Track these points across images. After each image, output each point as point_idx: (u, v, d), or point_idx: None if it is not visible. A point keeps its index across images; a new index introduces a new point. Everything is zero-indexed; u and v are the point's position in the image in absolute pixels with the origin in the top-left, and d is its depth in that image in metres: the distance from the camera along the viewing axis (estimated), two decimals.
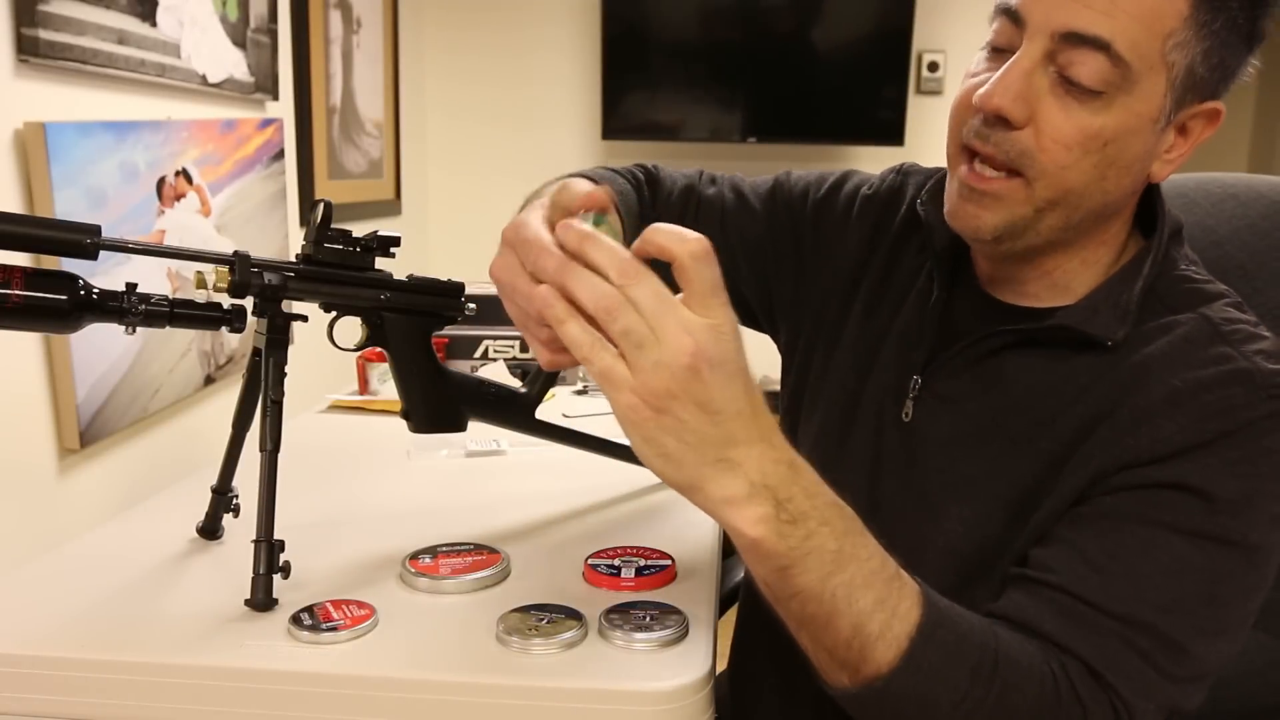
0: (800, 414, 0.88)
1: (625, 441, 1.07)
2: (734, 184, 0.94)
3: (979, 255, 0.79)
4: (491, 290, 0.74)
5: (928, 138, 2.69)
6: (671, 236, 0.55)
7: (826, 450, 0.82)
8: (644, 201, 0.92)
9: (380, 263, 0.85)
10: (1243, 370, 0.66)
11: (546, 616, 0.75)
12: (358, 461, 1.16)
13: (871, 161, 2.64)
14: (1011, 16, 0.67)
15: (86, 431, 1.10)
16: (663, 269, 0.56)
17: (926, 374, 0.77)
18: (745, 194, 0.93)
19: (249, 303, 0.80)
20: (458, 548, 0.87)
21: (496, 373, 1.47)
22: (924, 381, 0.77)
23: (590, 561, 0.85)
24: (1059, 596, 0.64)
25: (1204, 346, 0.68)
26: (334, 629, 0.73)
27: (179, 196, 1.28)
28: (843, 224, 0.88)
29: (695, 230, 0.62)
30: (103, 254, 0.71)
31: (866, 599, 0.59)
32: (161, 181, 1.23)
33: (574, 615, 0.75)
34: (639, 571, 0.83)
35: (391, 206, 2.32)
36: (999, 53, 0.69)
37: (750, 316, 0.95)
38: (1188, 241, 0.77)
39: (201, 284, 0.76)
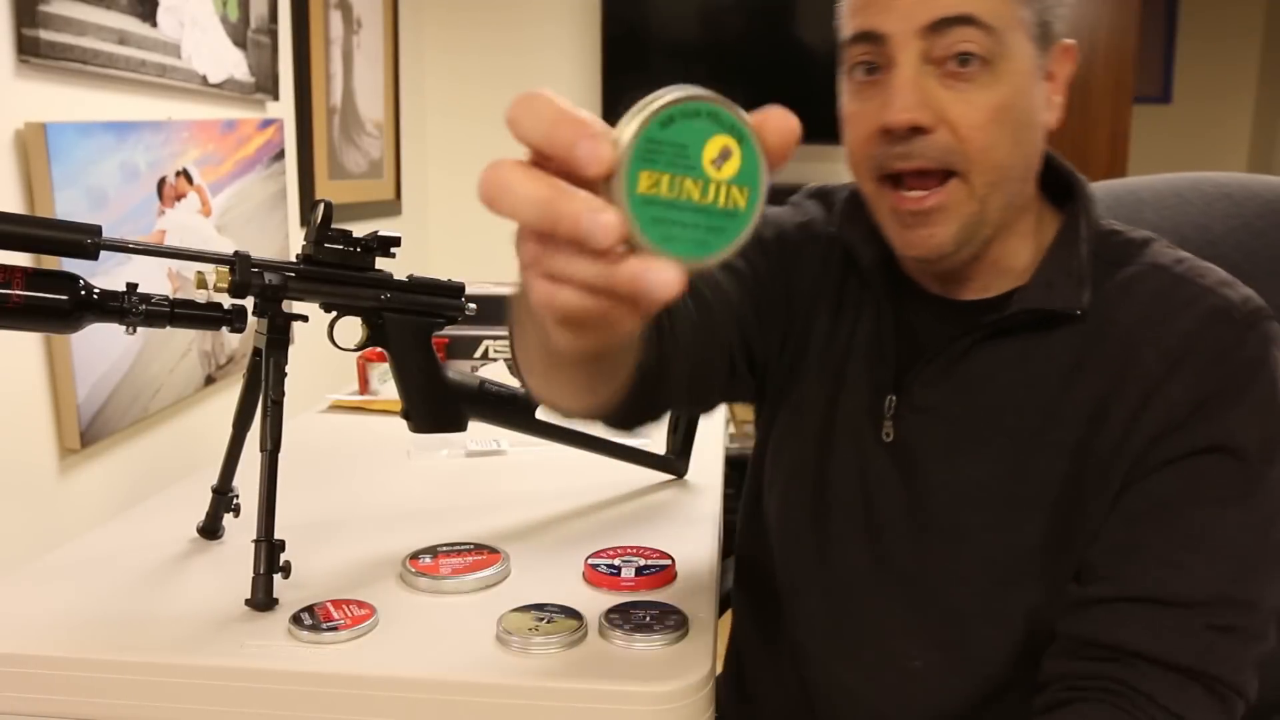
0: (769, 455, 0.85)
1: (626, 441, 1.08)
2: None
3: (913, 266, 0.77)
4: (492, 290, 0.74)
5: None
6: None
7: (804, 480, 0.80)
8: None
9: (380, 263, 0.85)
10: (1218, 308, 0.68)
11: (546, 616, 0.75)
12: (358, 461, 1.16)
13: None
14: (869, 39, 0.68)
15: (87, 431, 1.10)
16: None
17: (901, 390, 0.76)
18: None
19: (249, 303, 0.80)
20: (458, 547, 0.87)
21: (496, 373, 1.47)
22: (900, 398, 0.76)
23: (590, 561, 0.85)
24: (1144, 609, 0.66)
25: (1171, 296, 0.70)
26: (334, 628, 0.73)
27: (179, 197, 1.28)
28: (780, 263, 0.83)
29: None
30: (103, 254, 0.72)
31: None
32: (162, 182, 1.23)
33: (574, 615, 0.75)
34: (639, 571, 0.83)
35: (392, 206, 2.32)
36: (870, 78, 0.70)
37: (748, 388, 0.86)
38: (1183, 241, 0.78)
39: (202, 284, 0.77)
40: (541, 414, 0.95)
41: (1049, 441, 0.70)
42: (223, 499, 0.91)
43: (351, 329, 0.87)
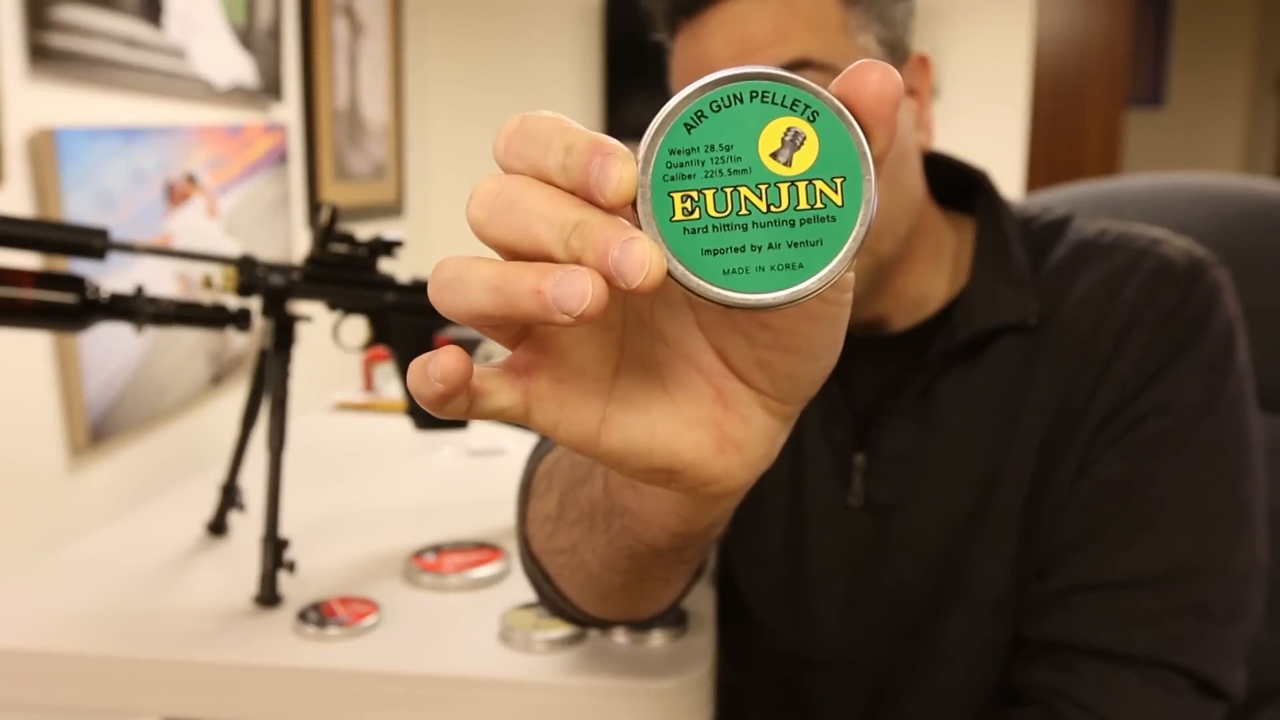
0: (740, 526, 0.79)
1: None
2: None
3: None
4: None
5: None
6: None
7: (778, 561, 0.75)
8: None
9: (384, 264, 0.86)
10: (1158, 268, 0.65)
11: (547, 614, 0.76)
12: (362, 460, 1.17)
13: None
14: None
15: (96, 430, 1.12)
16: None
17: (867, 446, 0.70)
18: None
19: (255, 304, 0.81)
20: (461, 545, 0.88)
21: None
22: (869, 453, 0.70)
23: None
24: (1097, 596, 0.62)
25: (1107, 269, 0.67)
26: (339, 625, 0.74)
27: (186, 199, 1.29)
28: None
29: None
30: (111, 256, 0.73)
31: None
32: (169, 185, 1.25)
33: None
34: None
35: (395, 209, 2.33)
36: None
37: None
38: None
39: (208, 285, 0.78)
40: None
41: (1016, 448, 0.67)
42: (230, 497, 0.92)
43: (356, 329, 0.88)
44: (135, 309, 0.75)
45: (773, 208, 0.27)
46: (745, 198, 0.27)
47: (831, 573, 0.73)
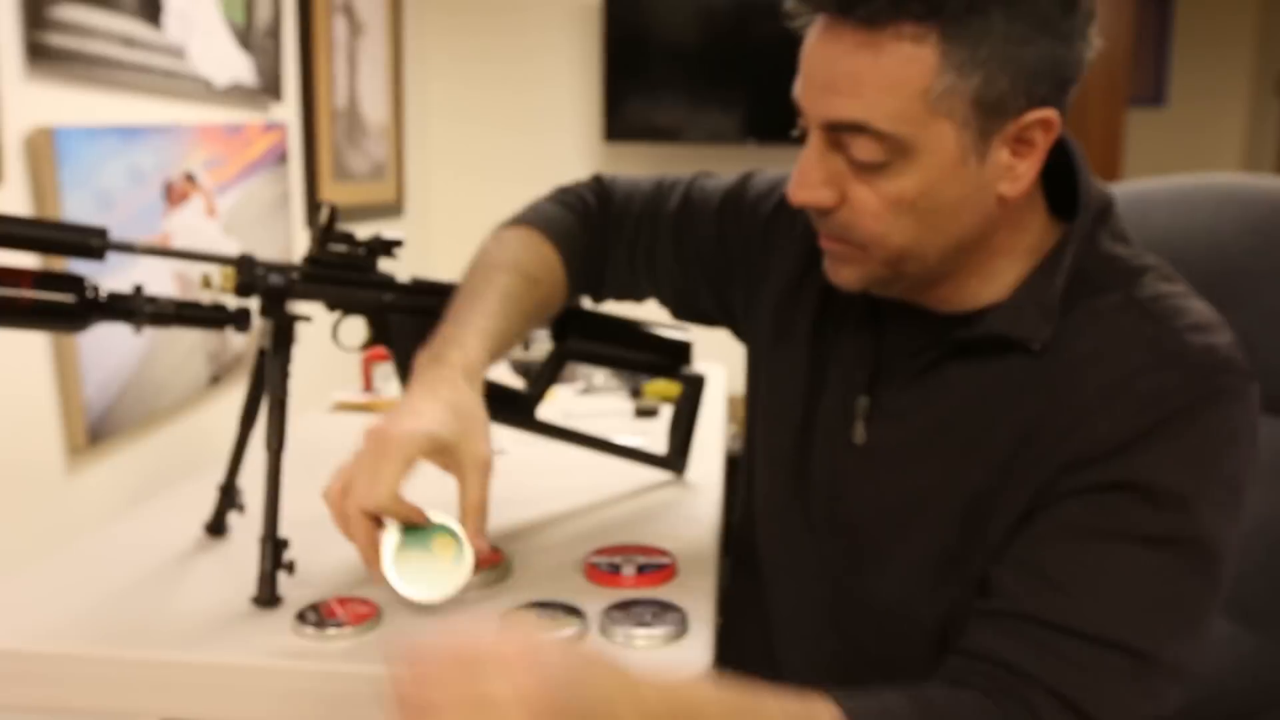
0: (757, 428, 0.88)
1: (626, 441, 1.08)
2: (691, 194, 0.92)
3: None
4: None
5: None
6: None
7: (783, 478, 0.83)
8: (592, 225, 0.92)
9: (383, 264, 0.86)
10: (1173, 353, 0.65)
11: (548, 614, 0.76)
12: None
13: None
14: (798, 106, 0.69)
15: (94, 430, 1.12)
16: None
17: (874, 393, 0.76)
18: (699, 205, 0.91)
19: (254, 304, 0.81)
20: None
21: (497, 372, 1.48)
22: (872, 400, 0.76)
23: (591, 559, 0.86)
24: (1027, 626, 0.64)
25: (1132, 332, 0.67)
26: (338, 626, 0.74)
27: (185, 199, 1.29)
28: (787, 238, 0.86)
29: (651, 257, 0.87)
30: (111, 256, 0.73)
31: None
32: (168, 184, 1.24)
33: (575, 612, 0.76)
34: (640, 569, 0.84)
35: (395, 208, 2.33)
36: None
37: (715, 324, 0.95)
38: (1160, 235, 0.77)
39: (207, 285, 0.78)
40: (542, 414, 0.96)
41: (980, 457, 0.70)
42: (229, 497, 0.91)
43: (355, 329, 0.88)
44: (134, 309, 0.74)
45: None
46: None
47: (821, 497, 0.79)
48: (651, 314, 1.00)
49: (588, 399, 1.45)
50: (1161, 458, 0.64)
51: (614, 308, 0.99)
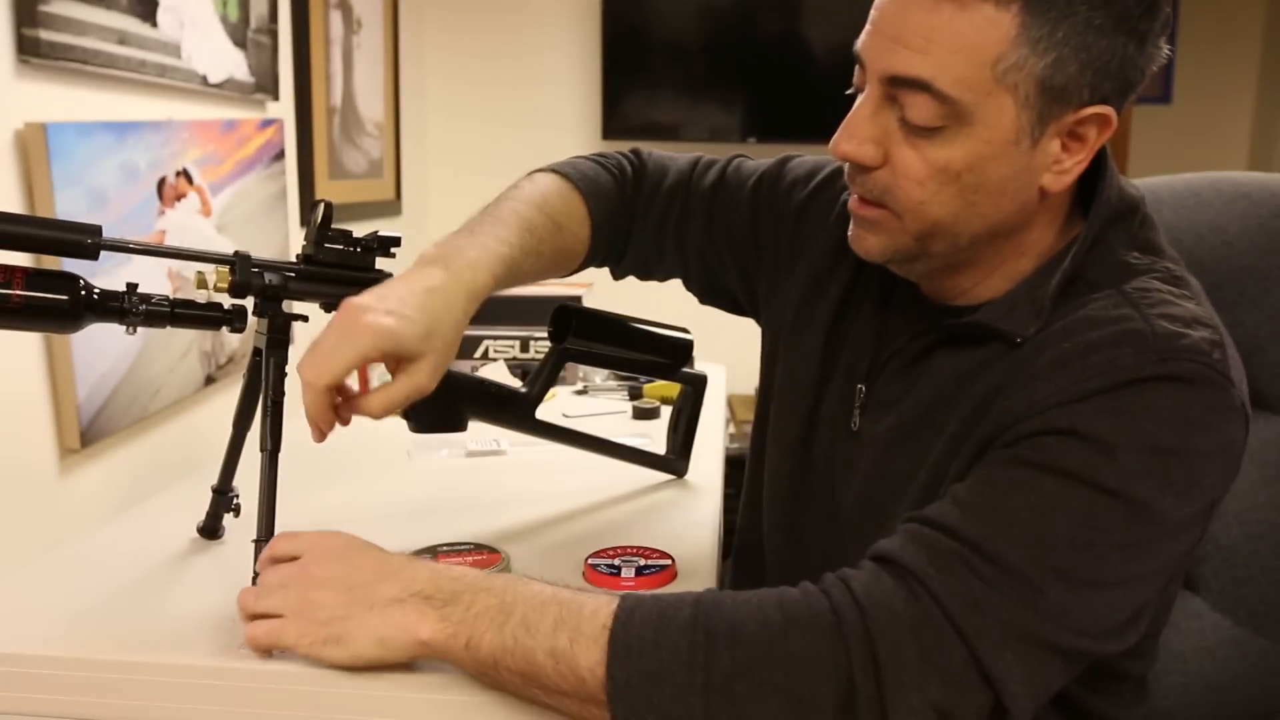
0: (769, 412, 0.89)
1: (626, 441, 1.08)
2: (727, 172, 0.94)
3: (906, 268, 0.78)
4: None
5: None
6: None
7: (790, 465, 0.84)
8: (625, 191, 0.93)
9: (381, 263, 0.85)
10: (1135, 330, 0.63)
11: None
12: (358, 462, 1.16)
13: None
14: (859, 60, 0.68)
15: (87, 431, 1.10)
16: None
17: (869, 381, 0.78)
18: (735, 185, 0.93)
19: (249, 303, 0.80)
20: (458, 547, 0.87)
21: (496, 373, 1.47)
22: (867, 389, 0.78)
23: (590, 561, 0.85)
24: (916, 528, 0.62)
25: (1102, 314, 0.65)
26: None
27: (179, 197, 1.28)
28: (820, 227, 0.87)
29: (682, 231, 0.85)
30: (104, 254, 0.72)
31: (544, 623, 0.61)
32: (162, 182, 1.23)
33: None
34: (639, 571, 0.84)
35: (392, 206, 2.32)
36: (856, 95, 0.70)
37: (737, 306, 0.97)
38: (1179, 237, 0.77)
39: (202, 284, 0.77)
40: (541, 414, 0.95)
41: (945, 435, 0.71)
42: (223, 499, 0.90)
43: None
44: (128, 308, 0.73)
45: None
46: None
47: (821, 482, 0.81)
48: (652, 314, 0.99)
49: (587, 399, 1.45)
50: (1095, 412, 0.61)
51: (613, 308, 0.99)
